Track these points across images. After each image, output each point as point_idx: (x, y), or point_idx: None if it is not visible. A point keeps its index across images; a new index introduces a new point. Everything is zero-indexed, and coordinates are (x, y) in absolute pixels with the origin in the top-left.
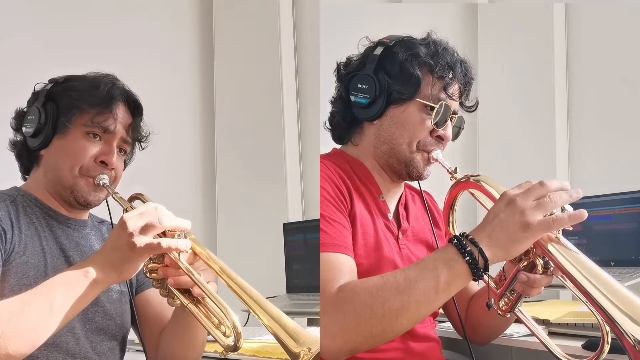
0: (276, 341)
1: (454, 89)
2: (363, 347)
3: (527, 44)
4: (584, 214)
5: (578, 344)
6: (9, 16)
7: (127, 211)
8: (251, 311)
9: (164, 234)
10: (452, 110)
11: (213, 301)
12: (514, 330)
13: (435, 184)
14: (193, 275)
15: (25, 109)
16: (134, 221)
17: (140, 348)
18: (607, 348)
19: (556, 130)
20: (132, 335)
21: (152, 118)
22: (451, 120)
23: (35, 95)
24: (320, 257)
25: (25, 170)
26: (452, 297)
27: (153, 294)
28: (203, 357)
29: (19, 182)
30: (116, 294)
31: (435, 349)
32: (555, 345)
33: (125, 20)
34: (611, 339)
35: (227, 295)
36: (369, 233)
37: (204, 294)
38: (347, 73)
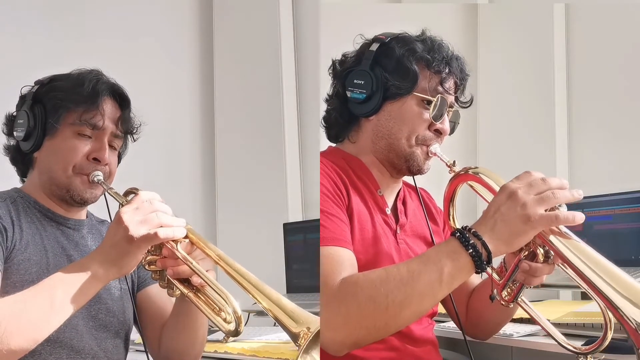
0: (276, 342)
1: (450, 83)
2: (366, 339)
3: (527, 44)
4: (583, 217)
5: (578, 343)
6: (3, 14)
7: (122, 206)
8: (250, 296)
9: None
10: (449, 103)
11: (213, 288)
12: (514, 330)
13: (433, 178)
14: (191, 263)
15: (14, 114)
16: (130, 215)
17: (142, 348)
18: (610, 334)
19: (556, 130)
20: (133, 335)
21: (152, 119)
22: (448, 115)
23: (23, 98)
24: (320, 251)
25: (22, 174)
26: (450, 295)
27: (155, 290)
28: (202, 357)
29: (18, 183)
30: (118, 291)
31: (431, 351)
32: (560, 334)
33: (125, 21)
34: (614, 339)
35: (227, 285)
36: (366, 228)
37: (203, 282)
38: (343, 70)
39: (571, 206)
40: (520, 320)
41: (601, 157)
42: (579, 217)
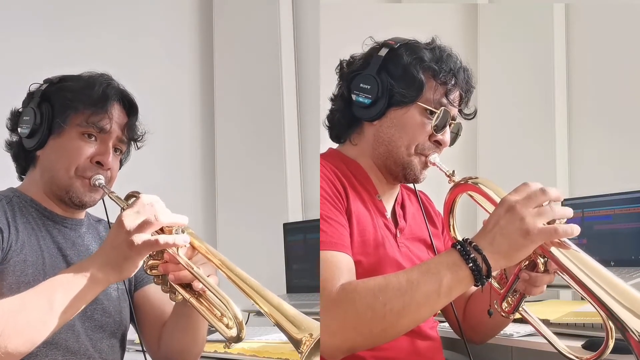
0: (276, 342)
1: (455, 95)
2: (362, 345)
3: (527, 44)
4: (579, 229)
5: (578, 343)
6: (4, 15)
7: (124, 210)
8: (252, 301)
9: (161, 230)
10: (452, 115)
11: (214, 294)
12: (514, 330)
13: (433, 186)
14: (193, 269)
15: (20, 110)
16: (131, 219)
17: (140, 348)
18: (611, 343)
19: (556, 130)
20: (132, 335)
21: (152, 119)
22: (449, 126)
23: (30, 95)
24: (320, 256)
25: (22, 170)
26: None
27: (152, 290)
28: (202, 357)
29: (16, 182)
30: (115, 291)
31: (436, 349)
32: (560, 342)
33: (125, 22)
34: (615, 339)
35: (229, 288)
36: (368, 230)
37: (204, 287)
38: (350, 72)
39: (571, 206)
40: (521, 321)
41: (601, 157)
42: (576, 229)
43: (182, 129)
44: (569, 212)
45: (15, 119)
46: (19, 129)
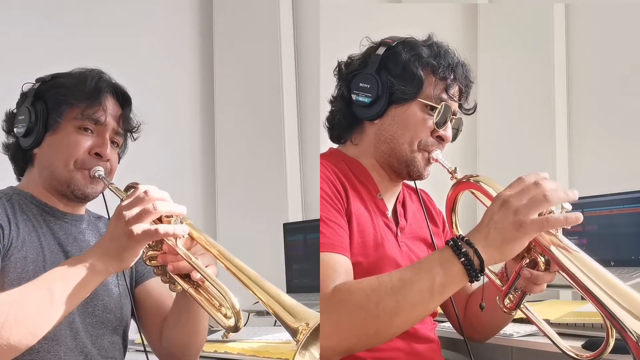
0: (276, 342)
1: (455, 90)
2: (358, 347)
3: (527, 44)
4: (579, 216)
5: (578, 343)
6: (4, 15)
7: (123, 200)
8: (250, 291)
9: (160, 220)
10: (452, 110)
11: (212, 284)
12: (514, 330)
13: (435, 183)
14: (191, 259)
15: (14, 110)
16: (129, 209)
17: (141, 348)
18: (612, 342)
19: (556, 130)
20: (133, 335)
21: (152, 119)
22: (451, 122)
23: (24, 95)
24: (320, 257)
25: (20, 171)
26: (450, 298)
27: (153, 285)
28: (202, 357)
29: (14, 184)
30: (116, 287)
31: (435, 351)
32: (561, 340)
33: (126, 21)
34: (616, 339)
35: (228, 280)
36: (367, 231)
37: (203, 277)
38: (349, 72)
39: (571, 206)
40: (521, 321)
41: (601, 157)
42: (572, 218)
43: (183, 129)
44: (565, 195)
45: (10, 120)
46: (14, 129)
